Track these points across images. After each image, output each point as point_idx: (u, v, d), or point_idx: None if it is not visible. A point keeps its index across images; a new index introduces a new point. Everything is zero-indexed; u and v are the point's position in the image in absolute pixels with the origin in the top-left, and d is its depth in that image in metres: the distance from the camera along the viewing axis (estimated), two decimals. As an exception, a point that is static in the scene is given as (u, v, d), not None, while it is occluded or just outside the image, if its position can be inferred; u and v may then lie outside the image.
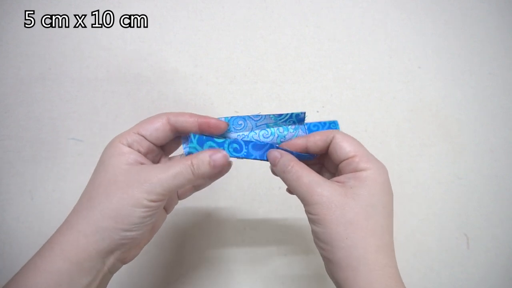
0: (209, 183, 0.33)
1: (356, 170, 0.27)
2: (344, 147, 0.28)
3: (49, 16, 0.48)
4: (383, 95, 0.51)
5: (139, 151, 0.28)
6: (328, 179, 0.28)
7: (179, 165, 0.27)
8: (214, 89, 0.48)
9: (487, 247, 0.47)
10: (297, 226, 0.46)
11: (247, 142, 0.31)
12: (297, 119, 0.31)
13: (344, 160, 0.28)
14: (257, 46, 0.50)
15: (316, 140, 0.29)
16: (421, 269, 0.45)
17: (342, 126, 0.48)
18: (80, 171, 0.44)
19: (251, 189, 0.46)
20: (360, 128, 0.50)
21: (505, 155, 0.50)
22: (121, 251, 0.26)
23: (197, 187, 0.33)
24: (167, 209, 0.33)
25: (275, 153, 0.30)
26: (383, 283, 0.24)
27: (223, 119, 0.30)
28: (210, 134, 0.29)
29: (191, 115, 0.29)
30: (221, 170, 0.29)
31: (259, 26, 0.51)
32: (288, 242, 0.45)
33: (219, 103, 0.48)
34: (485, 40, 0.54)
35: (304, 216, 0.46)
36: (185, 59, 0.49)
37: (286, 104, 0.49)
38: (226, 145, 0.30)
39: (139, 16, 0.50)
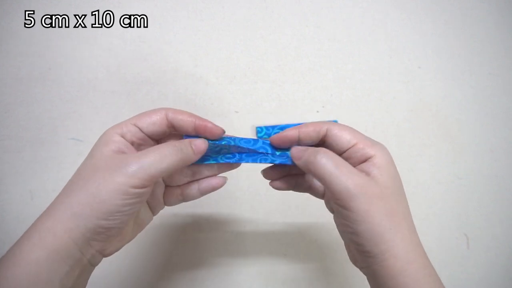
0: (198, 196, 0.32)
1: (366, 157, 0.27)
2: (344, 136, 0.27)
3: (49, 16, 0.48)
4: (383, 95, 0.51)
5: (132, 142, 0.28)
6: None
7: (165, 147, 0.26)
8: (214, 89, 0.48)
9: (487, 247, 0.47)
10: (297, 226, 0.46)
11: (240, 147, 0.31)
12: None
13: (347, 149, 0.27)
14: (257, 46, 0.50)
15: (309, 131, 0.29)
16: (421, 269, 0.45)
17: (342, 126, 0.48)
18: (80, 171, 0.44)
19: (251, 189, 0.46)
20: (360, 128, 0.49)
21: (505, 155, 0.50)
22: (98, 242, 0.25)
23: (185, 196, 0.32)
24: (152, 209, 0.31)
25: (298, 148, 0.29)
26: (420, 263, 0.25)
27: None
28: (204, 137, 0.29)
29: (190, 115, 0.29)
30: (200, 156, 0.28)
31: (259, 26, 0.51)
32: (288, 242, 0.45)
33: (219, 103, 0.48)
34: (485, 40, 0.54)
35: (304, 216, 0.46)
36: (185, 59, 0.49)
37: (286, 104, 0.49)
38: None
39: (139, 16, 0.50)
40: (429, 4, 0.55)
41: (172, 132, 0.30)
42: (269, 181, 0.33)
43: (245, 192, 0.46)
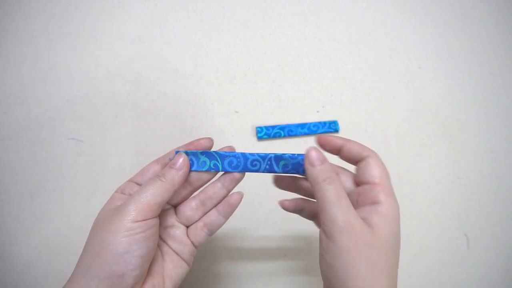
0: (222, 221, 0.31)
1: (375, 201, 0.26)
2: (373, 170, 0.27)
3: (49, 16, 0.48)
4: (383, 95, 0.51)
5: (130, 194, 0.28)
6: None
7: (149, 181, 0.27)
8: (214, 89, 0.48)
9: (487, 247, 0.47)
10: (297, 226, 0.46)
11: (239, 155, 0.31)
12: (295, 163, 0.30)
13: (367, 182, 0.27)
14: (257, 46, 0.50)
15: (353, 149, 0.29)
16: (421, 269, 0.45)
17: (342, 126, 0.49)
18: (80, 171, 0.44)
19: (251, 189, 0.46)
20: (360, 128, 0.50)
21: (505, 155, 0.50)
22: None
23: (208, 225, 0.31)
24: (183, 256, 0.30)
25: (319, 153, 0.27)
26: None
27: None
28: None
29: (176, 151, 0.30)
30: (185, 170, 0.28)
31: (259, 26, 0.51)
32: (288, 242, 0.45)
33: (219, 103, 0.48)
34: (485, 40, 0.54)
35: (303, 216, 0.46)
36: (185, 59, 0.49)
37: (286, 104, 0.49)
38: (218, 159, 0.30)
39: (139, 16, 0.50)
40: (429, 4, 0.55)
41: None
42: (271, 180, 0.33)
43: (245, 192, 0.46)
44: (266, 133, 0.46)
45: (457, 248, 0.47)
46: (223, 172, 0.31)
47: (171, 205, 0.31)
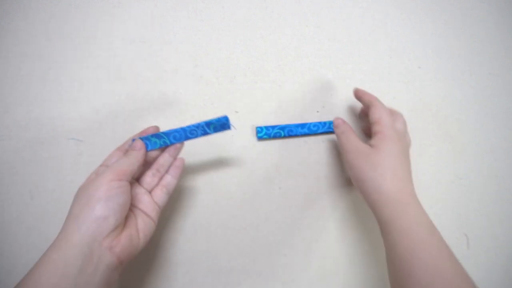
0: (176, 181, 0.40)
1: (376, 132, 0.40)
2: (374, 113, 0.41)
3: (49, 16, 0.48)
4: (383, 95, 0.50)
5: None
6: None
7: (119, 158, 0.37)
8: (214, 89, 0.48)
9: (487, 247, 0.47)
10: (297, 226, 0.46)
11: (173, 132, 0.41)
12: (220, 124, 0.41)
13: (373, 122, 0.41)
14: (257, 46, 0.50)
15: (364, 99, 0.44)
16: (421, 269, 0.45)
17: (342, 126, 0.48)
18: (80, 171, 0.44)
19: (251, 189, 0.46)
20: (360, 128, 0.50)
21: (505, 155, 0.50)
22: (104, 237, 0.31)
23: (167, 188, 0.40)
24: (150, 215, 0.37)
25: (339, 120, 0.44)
26: (399, 198, 0.35)
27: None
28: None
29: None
30: (143, 151, 0.38)
31: (259, 26, 0.51)
32: (288, 242, 0.45)
33: (219, 103, 0.48)
34: (485, 40, 0.55)
35: (304, 216, 0.46)
36: (185, 59, 0.49)
37: (286, 104, 0.49)
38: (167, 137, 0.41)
39: (139, 16, 0.50)
40: (429, 4, 0.55)
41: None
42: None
43: (245, 192, 0.46)
44: (266, 133, 0.46)
45: (457, 248, 0.46)
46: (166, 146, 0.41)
47: (136, 180, 0.39)
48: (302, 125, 0.47)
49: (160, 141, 0.41)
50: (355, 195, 0.47)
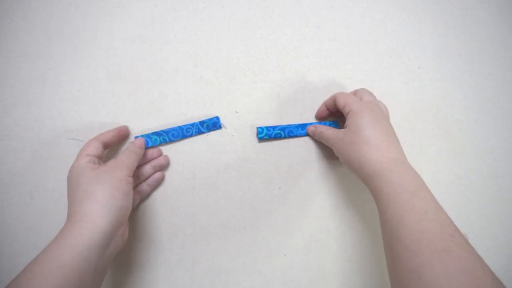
0: (149, 190, 0.44)
1: (347, 114, 0.41)
2: (339, 101, 0.43)
3: (49, 16, 0.48)
4: (383, 95, 0.51)
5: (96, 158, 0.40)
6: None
7: (128, 152, 0.40)
8: (214, 89, 0.48)
9: (487, 247, 0.47)
10: (297, 226, 0.46)
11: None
12: (212, 123, 0.46)
13: (341, 109, 0.43)
14: (257, 46, 0.50)
15: (329, 102, 0.46)
16: (421, 269, 0.45)
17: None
18: (80, 171, 0.44)
19: (251, 189, 0.46)
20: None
21: (505, 155, 0.50)
22: (122, 224, 0.36)
23: (141, 194, 0.44)
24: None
25: (311, 127, 0.47)
26: (379, 164, 0.36)
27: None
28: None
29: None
30: (143, 147, 0.43)
31: (259, 26, 0.51)
32: (288, 242, 0.45)
33: (219, 103, 0.48)
34: (485, 40, 0.54)
35: (304, 216, 0.46)
36: (185, 59, 0.49)
37: (286, 104, 0.49)
38: (166, 135, 0.45)
39: (139, 16, 0.50)
40: (429, 4, 0.55)
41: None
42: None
43: (245, 192, 0.46)
44: (267, 133, 0.46)
45: (457, 248, 0.47)
46: (149, 159, 0.45)
47: None
48: (303, 126, 0.47)
49: (160, 138, 0.45)
50: (355, 195, 0.47)
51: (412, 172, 0.36)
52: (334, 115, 0.48)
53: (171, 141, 0.46)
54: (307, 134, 0.48)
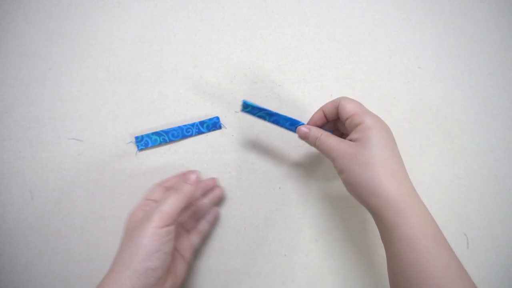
0: (211, 228, 0.43)
1: (356, 125, 0.35)
2: (346, 108, 0.36)
3: (49, 16, 0.48)
4: (383, 95, 0.51)
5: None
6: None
7: (170, 193, 0.35)
8: (214, 89, 0.48)
9: (487, 247, 0.47)
10: (297, 226, 0.46)
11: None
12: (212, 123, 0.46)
13: (347, 118, 0.36)
14: (257, 46, 0.50)
15: (329, 107, 0.38)
16: (421, 269, 0.45)
17: (342, 126, 0.48)
18: (80, 171, 0.44)
19: (251, 189, 0.46)
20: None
21: (505, 155, 0.50)
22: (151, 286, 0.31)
23: (203, 233, 0.41)
24: (185, 258, 0.38)
25: (303, 128, 0.39)
26: (400, 200, 0.31)
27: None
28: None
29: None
30: (196, 185, 0.37)
31: (259, 26, 0.51)
32: (288, 242, 0.45)
33: (219, 103, 0.48)
34: (485, 40, 0.54)
35: (304, 216, 0.46)
36: (185, 59, 0.49)
37: (286, 104, 0.49)
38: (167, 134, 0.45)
39: (139, 16, 0.50)
40: (429, 4, 0.55)
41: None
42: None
43: (245, 192, 0.46)
44: (251, 111, 0.41)
45: (457, 248, 0.46)
46: (205, 190, 0.43)
47: None
48: (292, 121, 0.41)
49: (160, 138, 0.45)
50: (355, 195, 0.47)
51: (429, 213, 0.32)
52: (328, 126, 0.41)
53: (171, 141, 0.45)
54: (295, 131, 0.41)
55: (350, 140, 0.35)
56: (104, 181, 0.44)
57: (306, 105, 0.49)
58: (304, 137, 0.39)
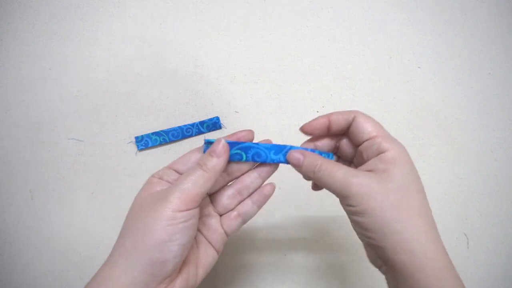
0: (255, 210, 0.31)
1: (379, 151, 0.26)
2: (366, 127, 0.27)
3: (49, 16, 0.48)
4: (383, 95, 0.51)
5: (170, 182, 0.28)
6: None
7: (191, 170, 0.27)
8: (214, 89, 0.48)
9: (487, 247, 0.47)
10: (297, 226, 0.46)
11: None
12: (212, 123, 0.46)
13: (366, 140, 0.27)
14: (257, 46, 0.50)
15: (339, 119, 0.29)
16: (421, 269, 0.45)
17: (342, 126, 0.48)
18: (80, 171, 0.44)
19: (251, 189, 0.46)
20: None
21: (505, 155, 0.50)
22: (158, 283, 0.24)
23: (242, 214, 0.31)
24: (214, 244, 0.30)
25: (296, 154, 0.29)
26: (439, 260, 0.24)
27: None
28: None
29: (221, 143, 0.29)
30: (226, 157, 0.28)
31: (259, 26, 0.51)
32: (288, 242, 0.45)
33: (219, 103, 0.48)
34: (485, 40, 0.54)
35: (305, 217, 0.46)
36: (185, 59, 0.49)
37: (286, 104, 0.49)
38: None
39: (139, 16, 0.50)
40: (429, 4, 0.55)
41: None
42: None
43: (245, 192, 0.46)
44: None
45: (457, 248, 0.47)
46: (258, 163, 0.31)
47: (207, 194, 0.31)
48: (278, 148, 0.30)
49: (160, 138, 0.45)
50: (355, 195, 0.47)
51: (453, 267, 0.26)
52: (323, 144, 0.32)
53: (171, 141, 0.45)
54: (285, 161, 0.30)
55: (369, 171, 0.26)
56: (104, 181, 0.44)
57: (306, 105, 0.49)
58: (295, 163, 0.29)
